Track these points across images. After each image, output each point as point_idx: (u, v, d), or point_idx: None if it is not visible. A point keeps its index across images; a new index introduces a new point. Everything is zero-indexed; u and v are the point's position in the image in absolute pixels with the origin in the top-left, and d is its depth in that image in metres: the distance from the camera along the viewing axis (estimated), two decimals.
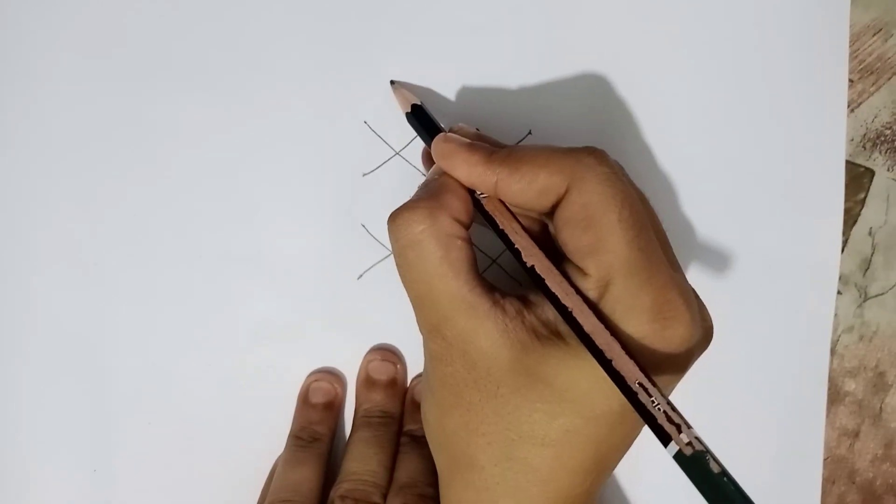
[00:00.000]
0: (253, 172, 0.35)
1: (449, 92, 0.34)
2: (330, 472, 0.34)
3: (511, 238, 0.27)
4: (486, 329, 0.26)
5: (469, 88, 0.34)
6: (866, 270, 0.37)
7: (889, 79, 0.36)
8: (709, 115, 0.35)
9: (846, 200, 0.35)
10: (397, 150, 0.35)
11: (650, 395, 0.23)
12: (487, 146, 0.28)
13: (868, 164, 0.36)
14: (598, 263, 0.25)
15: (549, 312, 0.26)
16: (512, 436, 0.26)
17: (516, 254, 0.27)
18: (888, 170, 0.36)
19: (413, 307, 0.28)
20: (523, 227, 0.27)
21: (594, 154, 0.26)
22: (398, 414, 0.35)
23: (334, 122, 0.34)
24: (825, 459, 0.37)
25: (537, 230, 0.30)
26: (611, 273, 0.25)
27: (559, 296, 0.25)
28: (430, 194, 0.27)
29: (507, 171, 0.26)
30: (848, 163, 0.35)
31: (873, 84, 0.36)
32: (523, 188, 0.26)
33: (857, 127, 0.36)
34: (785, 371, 0.36)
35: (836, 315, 0.36)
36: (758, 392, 0.36)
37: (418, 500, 0.31)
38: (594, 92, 0.35)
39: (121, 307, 0.35)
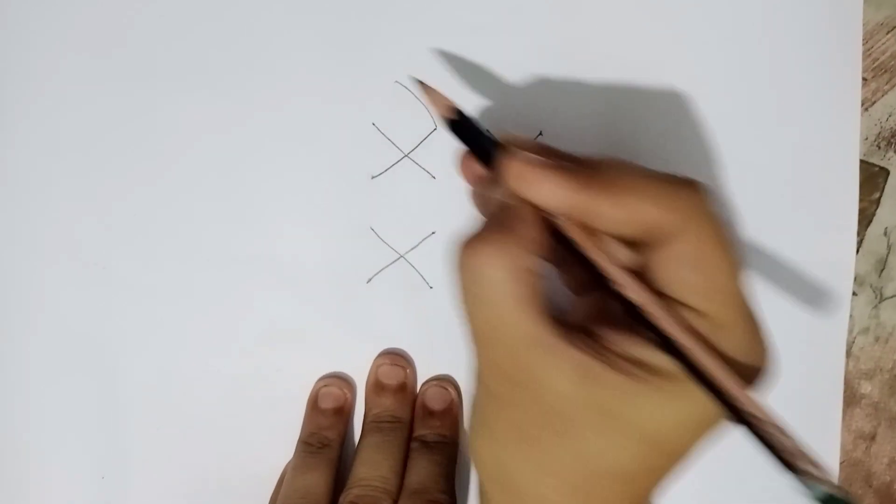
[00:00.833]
0: (261, 174, 0.34)
1: (459, 92, 0.34)
2: (340, 478, 0.34)
3: (603, 269, 0.25)
4: (562, 369, 0.24)
5: (479, 88, 0.34)
6: (882, 271, 0.36)
7: None
8: (721, 114, 0.35)
9: (861, 200, 0.35)
10: (406, 153, 0.34)
11: (786, 436, 0.23)
12: (572, 165, 0.25)
13: (883, 164, 0.36)
14: (712, 304, 0.24)
15: (632, 347, 0.25)
16: (587, 473, 0.25)
17: (608, 283, 0.25)
18: None
19: (476, 345, 0.26)
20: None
21: (701, 189, 0.25)
22: (408, 419, 0.34)
23: (343, 124, 0.34)
24: (841, 463, 0.36)
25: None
26: (726, 315, 0.24)
27: (668, 331, 0.24)
28: (504, 225, 0.25)
29: (603, 196, 0.24)
30: (862, 162, 0.35)
31: (887, 82, 0.35)
32: (619, 216, 0.24)
33: (872, 126, 0.35)
34: (800, 373, 0.35)
35: (851, 316, 0.36)
36: (773, 394, 0.35)
37: None
38: (604, 92, 0.34)
39: (128, 309, 0.35)
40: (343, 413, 0.35)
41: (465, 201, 0.34)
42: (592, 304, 0.29)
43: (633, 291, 0.25)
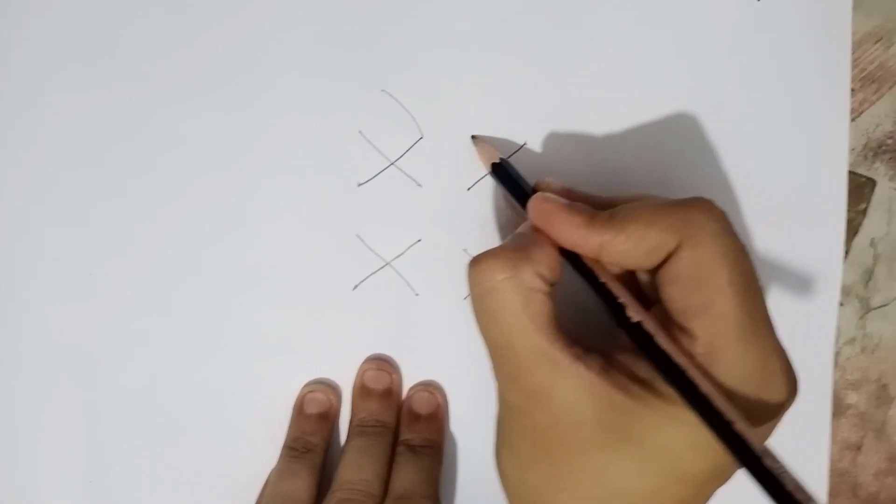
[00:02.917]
0: (247, 183, 0.35)
1: (444, 103, 0.34)
2: (324, 484, 0.34)
3: (614, 292, 0.26)
4: (568, 384, 0.25)
5: (464, 100, 0.34)
6: (868, 281, 0.36)
7: (891, 87, 0.35)
8: (709, 124, 0.35)
9: (847, 211, 0.35)
10: (392, 160, 0.35)
11: (776, 461, 0.22)
12: (589, 208, 0.27)
13: (869, 174, 0.36)
14: (705, 326, 0.24)
15: (641, 370, 0.25)
16: (599, 492, 0.25)
17: (618, 309, 0.26)
18: (890, 179, 0.35)
19: (489, 355, 0.27)
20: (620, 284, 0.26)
21: (703, 208, 0.25)
22: (393, 424, 0.35)
23: (329, 132, 0.34)
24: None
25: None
26: (719, 337, 0.24)
27: (671, 354, 0.24)
28: (517, 246, 0.27)
29: (613, 233, 0.26)
30: (849, 173, 0.35)
31: (875, 93, 0.35)
32: (630, 249, 0.25)
33: (859, 136, 0.35)
34: None
35: (837, 327, 0.36)
36: None
37: None
38: (590, 102, 0.34)
39: (117, 318, 0.35)
40: (328, 419, 0.35)
41: (450, 209, 0.35)
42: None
43: (634, 311, 0.25)
